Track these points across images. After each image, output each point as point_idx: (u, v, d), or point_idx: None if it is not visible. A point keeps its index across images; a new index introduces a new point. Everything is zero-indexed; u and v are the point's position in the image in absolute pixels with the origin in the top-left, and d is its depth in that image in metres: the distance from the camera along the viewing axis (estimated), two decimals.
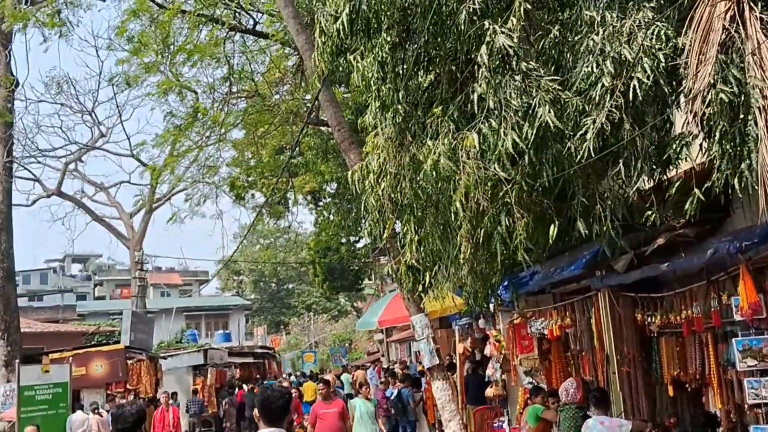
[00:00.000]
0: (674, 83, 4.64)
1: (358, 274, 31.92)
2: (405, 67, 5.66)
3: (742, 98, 3.93)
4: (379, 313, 11.50)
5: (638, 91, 4.30)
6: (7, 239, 15.93)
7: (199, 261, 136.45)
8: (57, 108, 28.87)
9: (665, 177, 5.09)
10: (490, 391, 10.03)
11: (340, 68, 6.89)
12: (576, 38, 4.85)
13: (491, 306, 8.55)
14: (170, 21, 15.52)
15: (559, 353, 9.10)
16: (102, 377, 15.96)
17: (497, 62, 4.78)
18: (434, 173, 4.93)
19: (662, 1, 4.72)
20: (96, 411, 14.28)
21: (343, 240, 30.59)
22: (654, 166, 4.97)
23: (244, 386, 21.99)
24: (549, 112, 4.55)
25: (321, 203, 26.87)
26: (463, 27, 4.94)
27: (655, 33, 4.38)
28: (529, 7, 4.81)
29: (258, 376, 27.68)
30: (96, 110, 29.16)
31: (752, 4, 4.06)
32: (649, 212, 4.90)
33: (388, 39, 5.51)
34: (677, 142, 4.68)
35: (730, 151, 3.99)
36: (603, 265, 7.01)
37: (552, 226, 4.88)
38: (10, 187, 16.62)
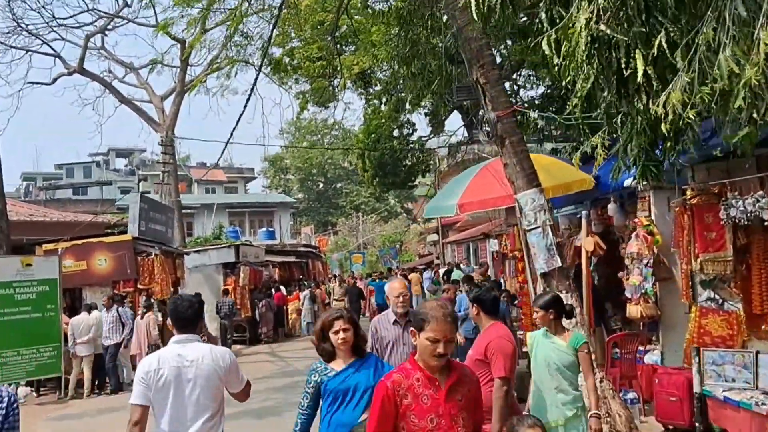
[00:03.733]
0: None
1: (411, 170, 28.91)
2: None
3: None
4: (458, 193, 7.81)
5: None
6: None
7: (242, 156, 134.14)
8: None
9: None
10: (634, 309, 6.50)
11: None
12: None
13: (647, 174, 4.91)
14: None
15: (766, 253, 5.53)
16: (106, 273, 13.18)
17: None
18: None
19: None
20: (149, 309, 12.36)
21: (396, 133, 27.48)
22: None
23: (282, 288, 19.13)
24: None
25: (371, 90, 23.62)
26: None
27: None
28: None
29: (300, 276, 24.91)
30: None
31: None
32: None
33: None
34: None
35: None
36: None
37: None
38: None
